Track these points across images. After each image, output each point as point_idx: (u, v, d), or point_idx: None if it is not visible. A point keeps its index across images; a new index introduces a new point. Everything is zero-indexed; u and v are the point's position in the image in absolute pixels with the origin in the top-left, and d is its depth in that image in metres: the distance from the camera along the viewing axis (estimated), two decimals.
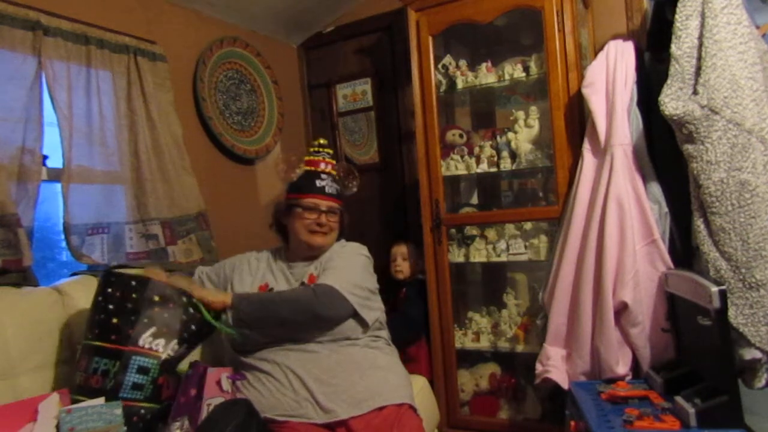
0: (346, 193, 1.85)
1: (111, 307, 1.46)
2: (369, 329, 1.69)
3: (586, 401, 1.64)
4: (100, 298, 1.49)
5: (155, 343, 1.45)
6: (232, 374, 1.60)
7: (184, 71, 2.41)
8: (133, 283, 1.48)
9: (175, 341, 1.49)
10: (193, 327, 1.54)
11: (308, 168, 1.79)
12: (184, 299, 1.54)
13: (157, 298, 1.48)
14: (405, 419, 1.52)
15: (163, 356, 1.46)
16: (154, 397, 1.44)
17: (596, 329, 1.82)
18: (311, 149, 1.84)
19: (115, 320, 1.44)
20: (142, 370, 1.42)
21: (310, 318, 1.58)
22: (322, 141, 1.85)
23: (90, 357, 1.43)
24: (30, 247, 1.69)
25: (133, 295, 1.46)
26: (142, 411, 1.41)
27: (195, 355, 1.81)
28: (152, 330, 1.45)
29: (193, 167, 2.27)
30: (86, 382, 1.40)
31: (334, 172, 1.81)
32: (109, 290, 1.48)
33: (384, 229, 2.83)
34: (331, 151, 1.84)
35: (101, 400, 1.36)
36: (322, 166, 1.79)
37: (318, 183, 1.75)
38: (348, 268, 1.71)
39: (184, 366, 1.55)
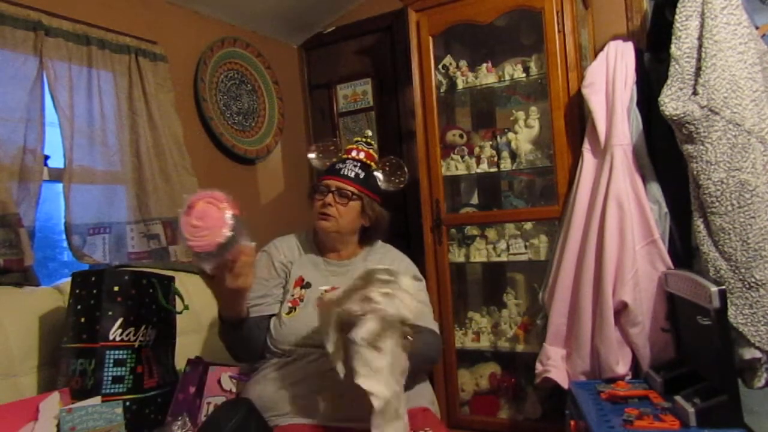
0: (391, 188, 1.72)
1: (79, 307, 1.47)
2: None
3: (586, 401, 1.64)
4: (71, 301, 1.50)
5: (125, 334, 1.45)
6: (237, 374, 1.59)
7: (185, 71, 2.41)
8: (92, 278, 1.48)
9: (145, 326, 1.49)
10: (154, 306, 1.54)
11: (343, 156, 1.71)
12: (145, 281, 1.53)
13: (116, 289, 1.47)
14: (427, 416, 1.51)
15: (137, 344, 1.46)
16: (136, 388, 1.45)
17: (596, 329, 1.83)
18: (354, 138, 1.77)
19: (83, 319, 1.45)
20: (119, 363, 1.43)
21: (430, 366, 1.59)
22: (367, 132, 1.80)
23: (67, 360, 1.45)
24: (31, 247, 1.70)
25: (94, 291, 1.46)
26: (128, 403, 1.41)
27: (195, 352, 1.83)
28: (119, 321, 1.45)
29: (194, 167, 2.27)
30: (67, 385, 1.41)
31: (368, 161, 1.69)
32: (77, 291, 1.49)
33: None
34: (372, 143, 1.74)
35: (98, 400, 1.36)
36: (354, 153, 1.69)
37: (338, 166, 1.65)
38: (429, 304, 1.70)
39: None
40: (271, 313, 1.60)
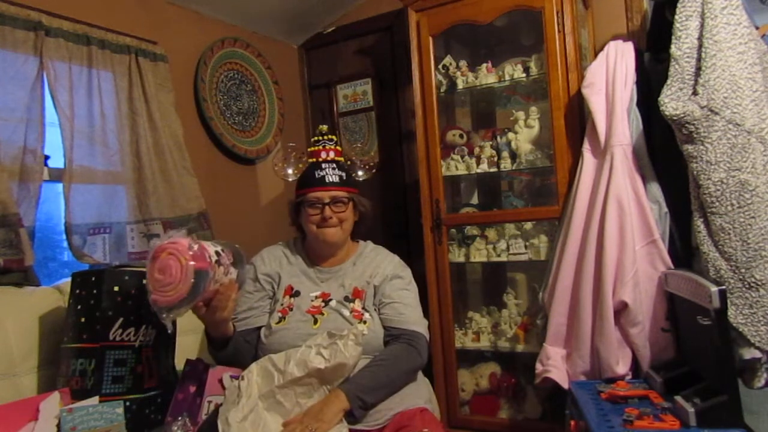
0: (361, 178, 1.73)
1: (79, 307, 1.47)
2: None
3: (586, 401, 1.64)
4: (71, 301, 1.50)
5: (125, 334, 1.45)
6: (238, 374, 1.58)
7: (185, 72, 2.41)
8: (93, 278, 1.48)
9: (145, 326, 1.49)
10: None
11: (311, 160, 1.69)
12: (145, 281, 1.53)
13: (116, 289, 1.47)
14: (425, 417, 1.52)
15: (137, 344, 1.47)
16: (136, 388, 1.45)
17: (596, 329, 1.83)
18: (312, 139, 1.74)
19: (83, 319, 1.45)
20: (119, 363, 1.43)
21: (414, 374, 1.58)
22: (322, 128, 1.73)
23: (68, 360, 1.45)
24: (31, 247, 1.70)
25: (94, 291, 1.46)
26: (128, 403, 1.41)
27: (195, 352, 1.83)
28: (119, 321, 1.45)
29: (194, 167, 2.28)
30: (67, 385, 1.41)
31: (340, 159, 1.69)
32: (77, 291, 1.49)
33: (384, 229, 2.83)
34: (333, 138, 1.72)
35: (95, 400, 1.36)
36: (323, 155, 1.67)
37: (317, 174, 1.62)
38: (416, 300, 1.66)
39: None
40: (259, 326, 1.62)
